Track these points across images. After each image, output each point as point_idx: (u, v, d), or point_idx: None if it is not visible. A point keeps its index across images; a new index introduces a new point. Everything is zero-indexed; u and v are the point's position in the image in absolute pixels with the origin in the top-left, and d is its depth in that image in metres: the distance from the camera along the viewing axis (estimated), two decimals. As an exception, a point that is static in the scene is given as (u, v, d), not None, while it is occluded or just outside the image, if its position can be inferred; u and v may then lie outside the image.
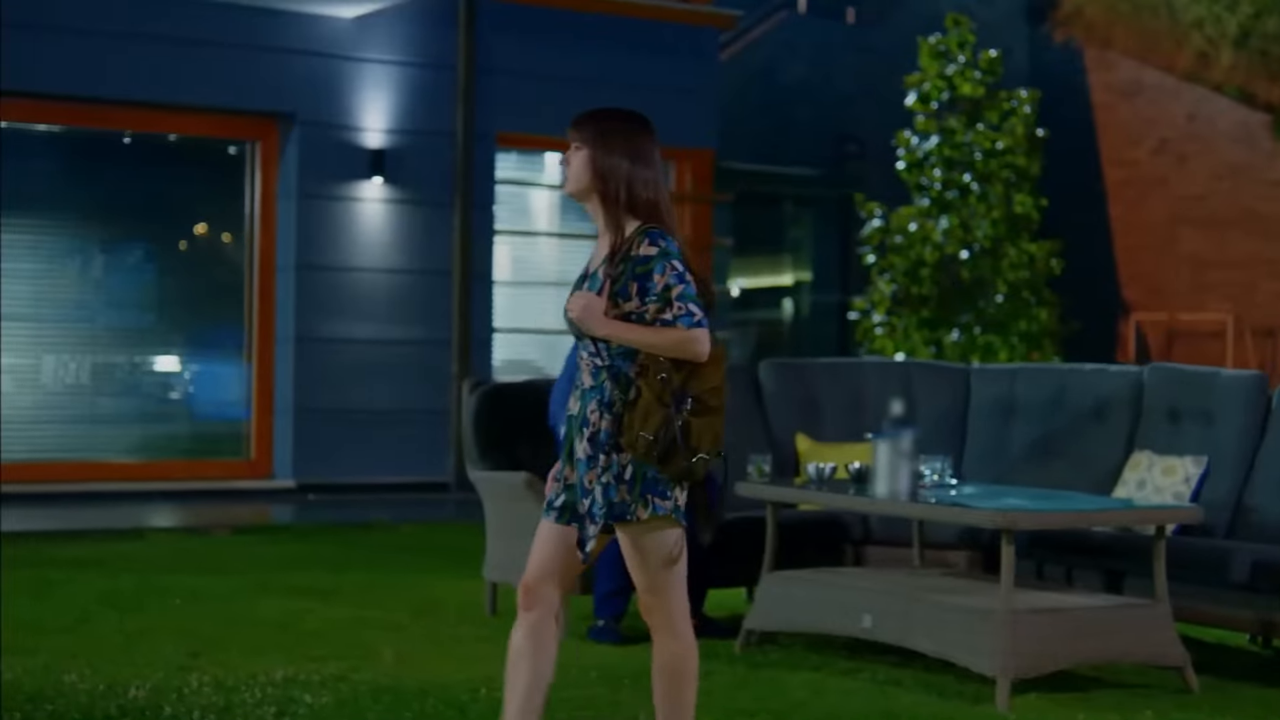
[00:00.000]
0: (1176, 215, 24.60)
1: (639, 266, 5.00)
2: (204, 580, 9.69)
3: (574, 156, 5.15)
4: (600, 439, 5.02)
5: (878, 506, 7.44)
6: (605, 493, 4.99)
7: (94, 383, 14.43)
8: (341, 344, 14.50)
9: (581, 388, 5.13)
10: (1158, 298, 25.02)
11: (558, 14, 15.43)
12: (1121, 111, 25.81)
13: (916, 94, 19.02)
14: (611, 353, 5.05)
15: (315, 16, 14.36)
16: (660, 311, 4.99)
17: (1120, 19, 26.56)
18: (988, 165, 18.81)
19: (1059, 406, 8.95)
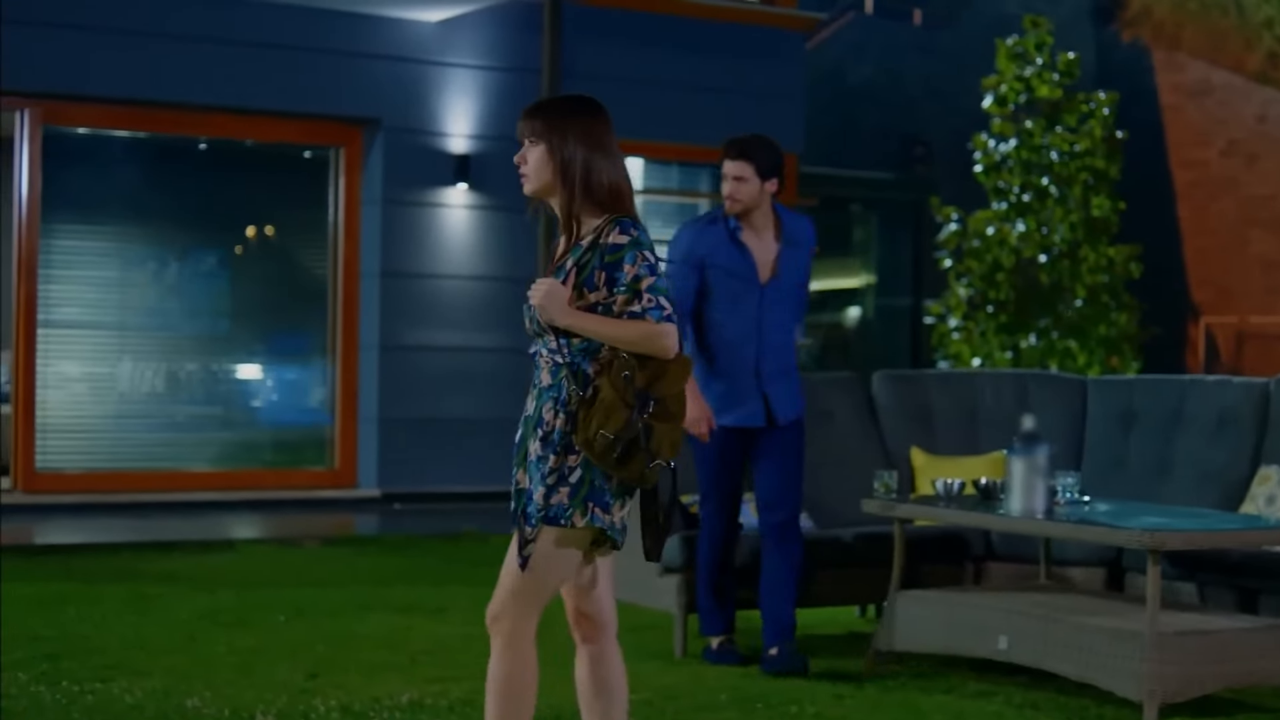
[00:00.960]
0: (1246, 216, 24.36)
1: (608, 255, 4.77)
2: (303, 594, 9.55)
3: (530, 153, 4.90)
4: (554, 439, 4.78)
5: (1015, 525, 7.25)
6: (547, 494, 4.74)
7: (176, 391, 14.34)
8: (426, 352, 14.35)
9: (538, 386, 4.87)
10: (1228, 300, 24.78)
11: (641, 17, 15.27)
12: (1190, 112, 25.58)
13: (993, 96, 18.82)
14: (573, 349, 4.80)
15: (399, 21, 14.21)
16: (628, 303, 4.75)
17: (1189, 19, 26.32)
18: (1066, 168, 18.60)
19: (1180, 419, 8.73)
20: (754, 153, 7.58)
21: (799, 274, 7.81)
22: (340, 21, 14.01)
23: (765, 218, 7.68)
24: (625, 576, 8.28)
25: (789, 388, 7.77)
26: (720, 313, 7.67)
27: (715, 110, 15.42)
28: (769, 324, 7.70)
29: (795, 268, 7.78)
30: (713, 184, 16.81)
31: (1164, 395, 8.88)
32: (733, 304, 7.66)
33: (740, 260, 7.63)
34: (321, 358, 14.56)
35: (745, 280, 7.64)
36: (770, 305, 7.70)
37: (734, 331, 7.68)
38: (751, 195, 7.58)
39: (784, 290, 7.72)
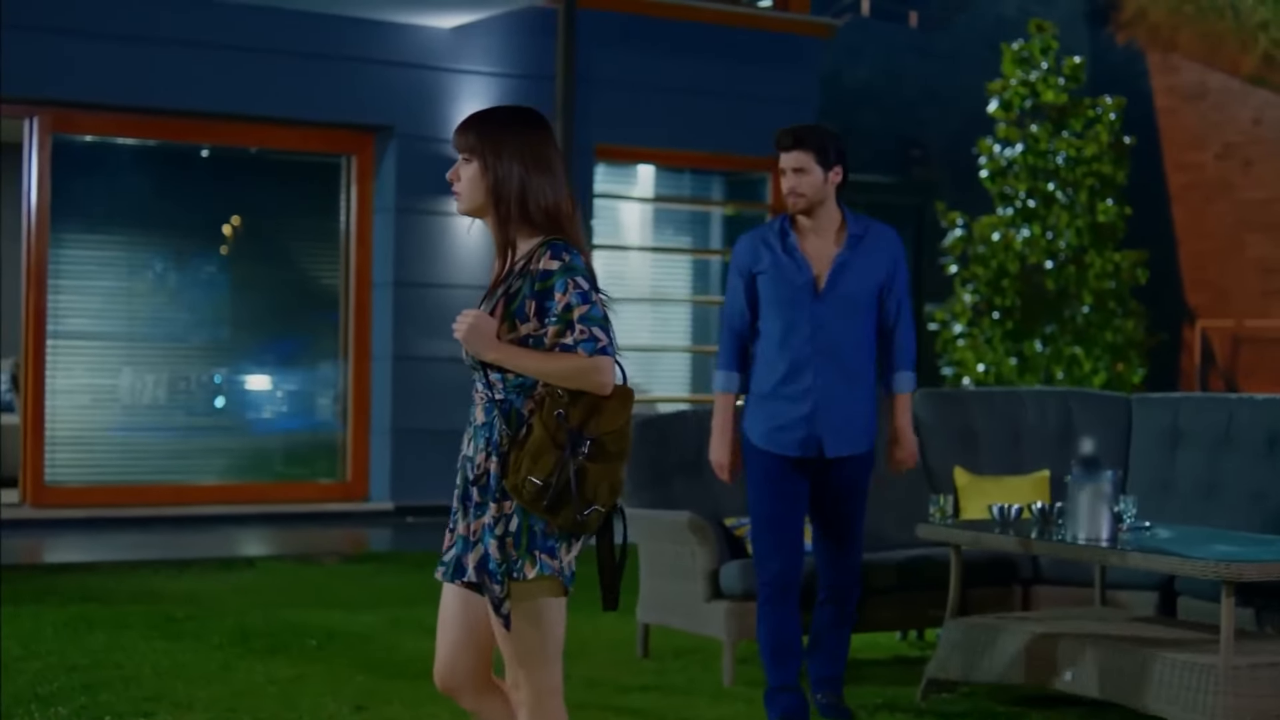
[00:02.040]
0: (1242, 220, 24.28)
1: (539, 283, 4.46)
2: (332, 617, 9.37)
3: (462, 170, 4.60)
4: (489, 484, 4.48)
5: (1084, 554, 7.08)
6: (499, 545, 4.45)
7: (186, 403, 14.14)
8: (439, 362, 14.15)
9: (473, 424, 4.58)
10: (1224, 304, 24.70)
11: (656, 23, 15.10)
12: (1185, 115, 25.50)
13: (999, 101, 18.68)
14: (507, 385, 4.50)
15: (412, 27, 14.02)
16: (560, 335, 4.45)
17: (1184, 21, 26.23)
18: (1072, 173, 18.48)
19: (1227, 439, 8.57)
20: (811, 139, 6.85)
21: (867, 286, 6.95)
22: (352, 28, 13.81)
23: (829, 216, 6.92)
24: (671, 601, 8.14)
25: (851, 417, 6.98)
26: (770, 324, 6.97)
27: (728, 117, 15.28)
28: (827, 340, 6.90)
29: (862, 278, 6.93)
30: (726, 192, 16.65)
31: (1211, 414, 8.72)
32: (783, 315, 6.93)
33: (789, 264, 6.90)
34: (333, 368, 14.37)
35: (795, 288, 6.90)
36: (828, 319, 6.89)
37: (785, 347, 6.94)
38: (815, 187, 6.83)
39: (846, 302, 6.90)
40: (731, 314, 7.06)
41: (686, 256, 16.33)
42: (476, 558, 4.49)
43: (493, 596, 4.47)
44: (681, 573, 8.06)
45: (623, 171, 15.72)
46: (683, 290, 16.23)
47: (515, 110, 4.65)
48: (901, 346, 7.12)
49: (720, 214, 16.65)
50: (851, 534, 7.14)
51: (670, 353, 16.20)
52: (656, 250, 16.04)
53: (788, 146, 6.88)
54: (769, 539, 7.02)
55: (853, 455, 7.01)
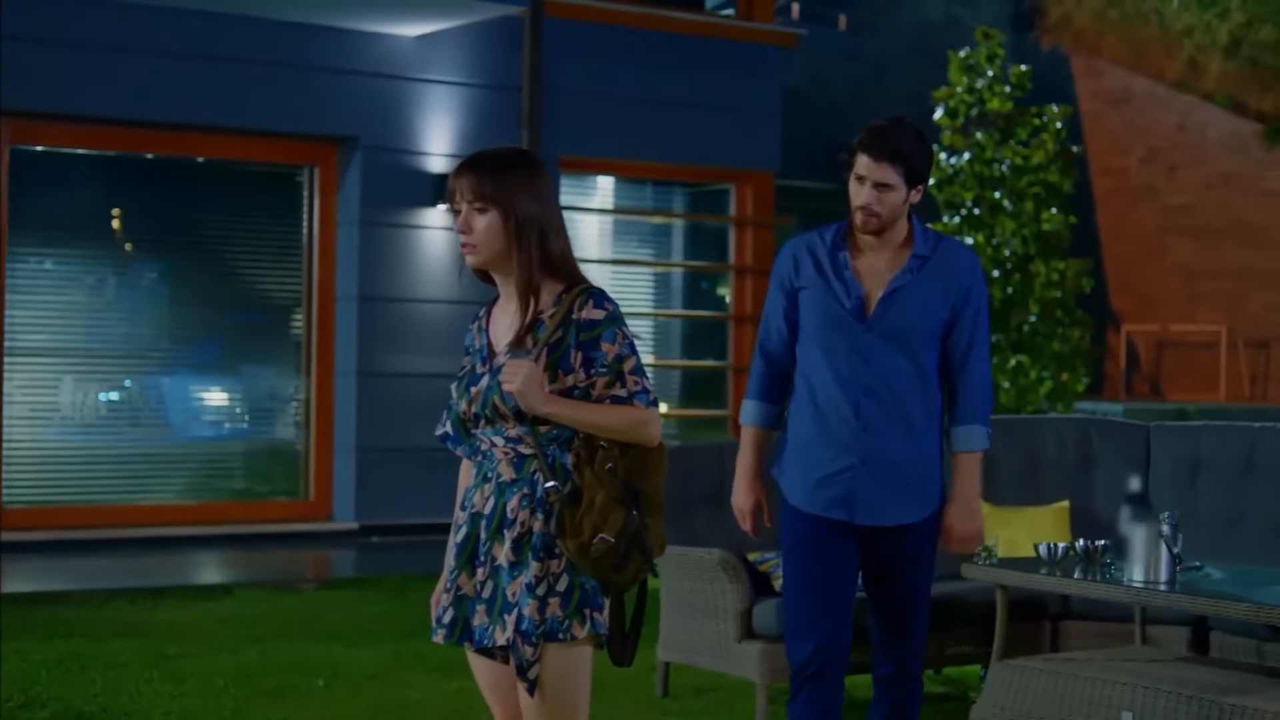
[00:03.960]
0: (1166, 225, 24.39)
1: (583, 333, 4.31)
2: (332, 652, 9.09)
3: (475, 220, 4.38)
4: (534, 543, 4.29)
5: (1147, 598, 6.92)
6: (540, 607, 4.26)
7: (145, 421, 13.75)
8: (405, 378, 13.86)
9: (496, 481, 4.35)
10: (1148, 308, 24.80)
11: (622, 32, 14.86)
12: (1110, 120, 25.57)
13: (944, 108, 18.58)
14: (540, 438, 4.31)
15: (376, 36, 13.70)
16: (609, 386, 4.31)
17: (1109, 27, 26.33)
18: (1019, 181, 18.41)
19: (1250, 467, 8.46)
20: (907, 151, 5.56)
21: (927, 318, 5.65)
22: (315, 36, 13.47)
23: (895, 234, 5.69)
24: (700, 640, 7.93)
25: (904, 476, 5.67)
26: (809, 353, 5.74)
27: (692, 128, 15.07)
28: (875, 379, 5.61)
29: (922, 307, 5.64)
30: (688, 204, 16.44)
31: (1232, 442, 8.60)
32: (823, 343, 5.68)
33: (836, 282, 5.66)
34: (295, 384, 14.03)
35: (839, 312, 5.65)
36: (877, 353, 5.63)
37: (826, 381, 5.67)
38: (895, 208, 5.60)
39: (899, 334, 5.62)
40: (767, 333, 5.85)
41: (648, 269, 16.11)
42: (515, 620, 4.30)
43: (522, 660, 4.30)
44: (710, 611, 7.85)
45: (584, 183, 15.48)
46: (644, 304, 16.01)
47: (519, 153, 4.53)
48: (969, 394, 5.73)
49: (682, 226, 16.45)
50: (911, 613, 5.84)
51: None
52: (617, 263, 15.80)
53: (878, 156, 5.55)
54: (803, 614, 5.74)
55: (906, 526, 5.72)
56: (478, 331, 4.55)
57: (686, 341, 16.37)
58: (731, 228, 16.03)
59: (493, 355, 4.44)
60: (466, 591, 4.39)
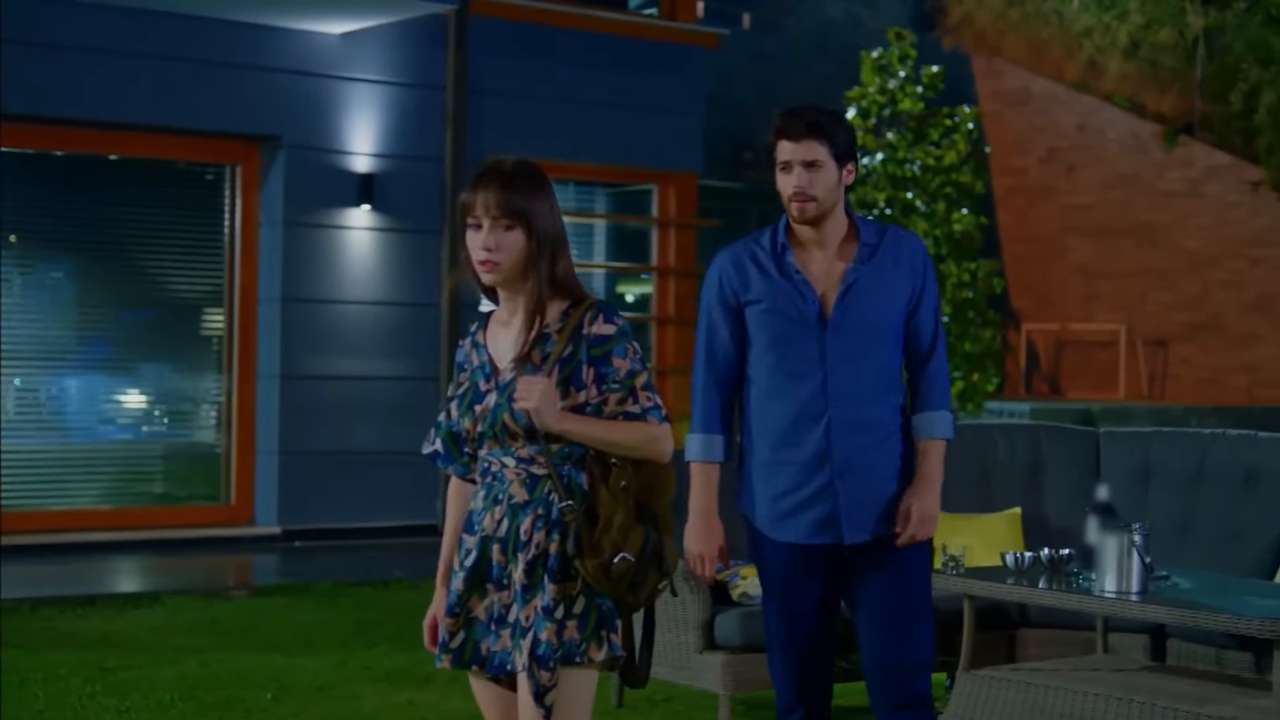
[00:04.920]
0: (1066, 225, 24.56)
1: (594, 348, 4.23)
2: (274, 663, 8.91)
3: (502, 239, 4.25)
4: (552, 565, 4.18)
5: (1122, 609, 6.90)
6: (558, 630, 4.18)
7: (62, 423, 13.47)
8: (328, 380, 13.67)
9: (507, 502, 4.23)
10: (1047, 308, 24.97)
11: (547, 31, 14.72)
12: (1010, 120, 25.71)
13: (856, 109, 18.61)
14: (552, 456, 4.21)
15: (300, 33, 13.48)
16: (621, 403, 4.24)
17: (1010, 27, 26.47)
18: (931, 182, 18.47)
19: (1201, 476, 8.46)
20: (829, 125, 5.15)
21: (888, 309, 5.24)
22: (238, 33, 13.24)
23: (836, 226, 5.21)
24: (660, 651, 7.82)
25: (883, 483, 5.27)
26: (766, 370, 5.25)
27: (615, 127, 14.98)
28: (842, 385, 5.18)
29: (881, 299, 5.23)
30: (610, 204, 16.34)
31: (1183, 450, 8.59)
32: (783, 356, 5.22)
33: (788, 289, 5.19)
34: (216, 386, 13.79)
35: (798, 319, 5.19)
36: (840, 356, 5.19)
37: (787, 397, 5.22)
38: (829, 188, 5.11)
39: (864, 332, 5.21)
40: (711, 358, 5.31)
41: (573, 268, 16.00)
42: (530, 644, 4.20)
43: (538, 685, 4.19)
44: (671, 622, 7.75)
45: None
46: (565, 304, 15.90)
47: (533, 166, 4.44)
48: (932, 381, 5.34)
49: (604, 227, 16.34)
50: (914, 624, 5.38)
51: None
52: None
53: (798, 134, 5.13)
54: (783, 656, 5.39)
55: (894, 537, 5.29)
56: (473, 348, 4.40)
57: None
58: (654, 228, 15.95)
59: (497, 372, 4.31)
60: (477, 615, 4.28)
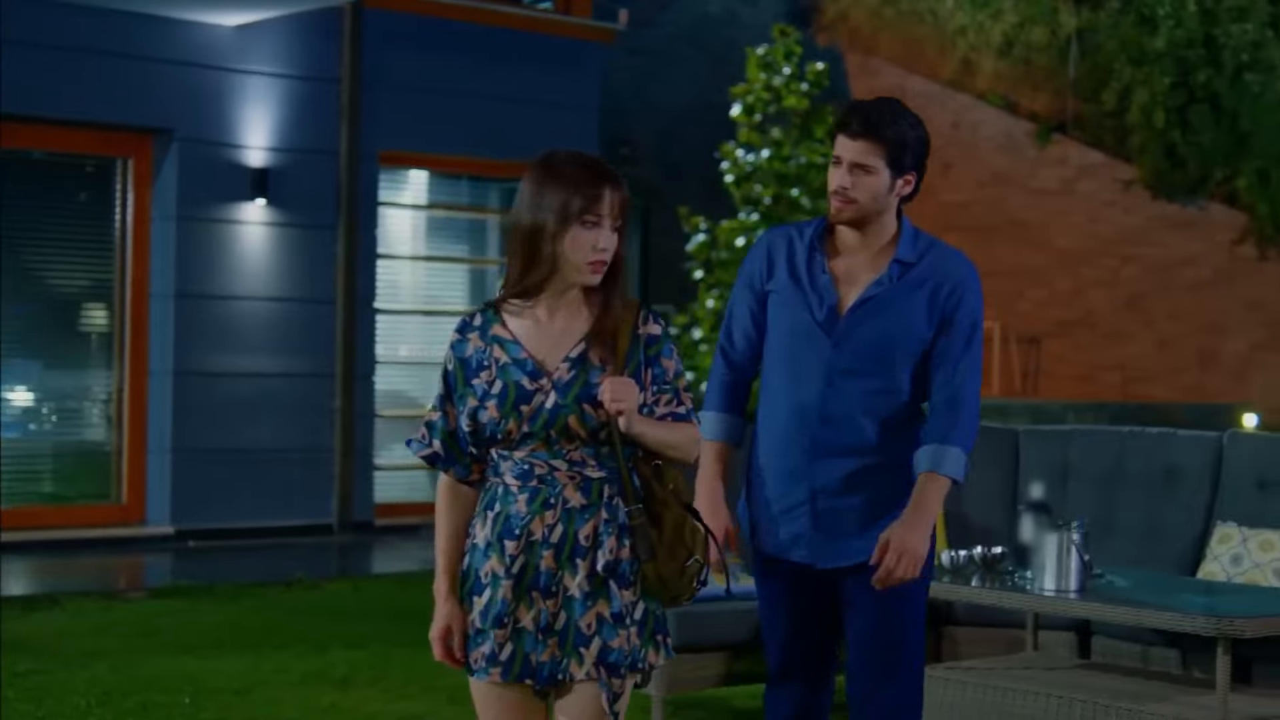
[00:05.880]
0: (941, 223, 24.71)
1: (649, 348, 4.15)
2: (186, 665, 8.75)
3: (611, 240, 4.09)
4: (622, 570, 4.08)
5: (1070, 607, 6.91)
6: (628, 637, 4.09)
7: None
8: (222, 377, 13.46)
9: (563, 506, 4.06)
10: (922, 305, 25.14)
11: (442, 25, 14.58)
12: (884, 118, 25.87)
13: (741, 105, 18.59)
14: (602, 458, 4.09)
15: (194, 25, 13.26)
16: (669, 404, 4.15)
17: (885, 25, 26.62)
18: (816, 179, 18.50)
19: (1121, 474, 8.50)
20: (889, 129, 4.82)
21: (906, 333, 4.91)
22: (130, 24, 12.99)
23: (880, 233, 4.93)
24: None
25: (856, 512, 4.95)
26: (772, 365, 5.05)
27: (510, 122, 14.86)
28: (841, 402, 4.91)
29: (901, 320, 4.91)
30: (504, 199, 16.21)
31: (1102, 448, 8.64)
32: (789, 354, 4.98)
33: (807, 286, 4.95)
34: (106, 384, 13.52)
35: (808, 323, 4.94)
36: (843, 371, 4.92)
37: (784, 399, 4.99)
38: (875, 195, 4.84)
39: (871, 351, 4.91)
40: (729, 337, 5.12)
41: (463, 266, 15.87)
42: (595, 653, 4.08)
43: (612, 693, 4.11)
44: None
45: (399, 177, 15.17)
46: (459, 301, 15.77)
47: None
48: (951, 414, 4.92)
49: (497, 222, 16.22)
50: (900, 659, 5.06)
51: (446, 366, 15.73)
52: (432, 259, 15.54)
53: (855, 132, 4.85)
54: (777, 673, 5.17)
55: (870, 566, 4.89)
56: (492, 343, 4.15)
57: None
58: (549, 225, 15.85)
59: (549, 372, 4.11)
60: (525, 625, 4.09)
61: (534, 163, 4.14)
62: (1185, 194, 21.93)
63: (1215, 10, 21.14)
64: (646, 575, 4.10)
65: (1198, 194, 21.83)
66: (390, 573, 12.48)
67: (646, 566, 4.09)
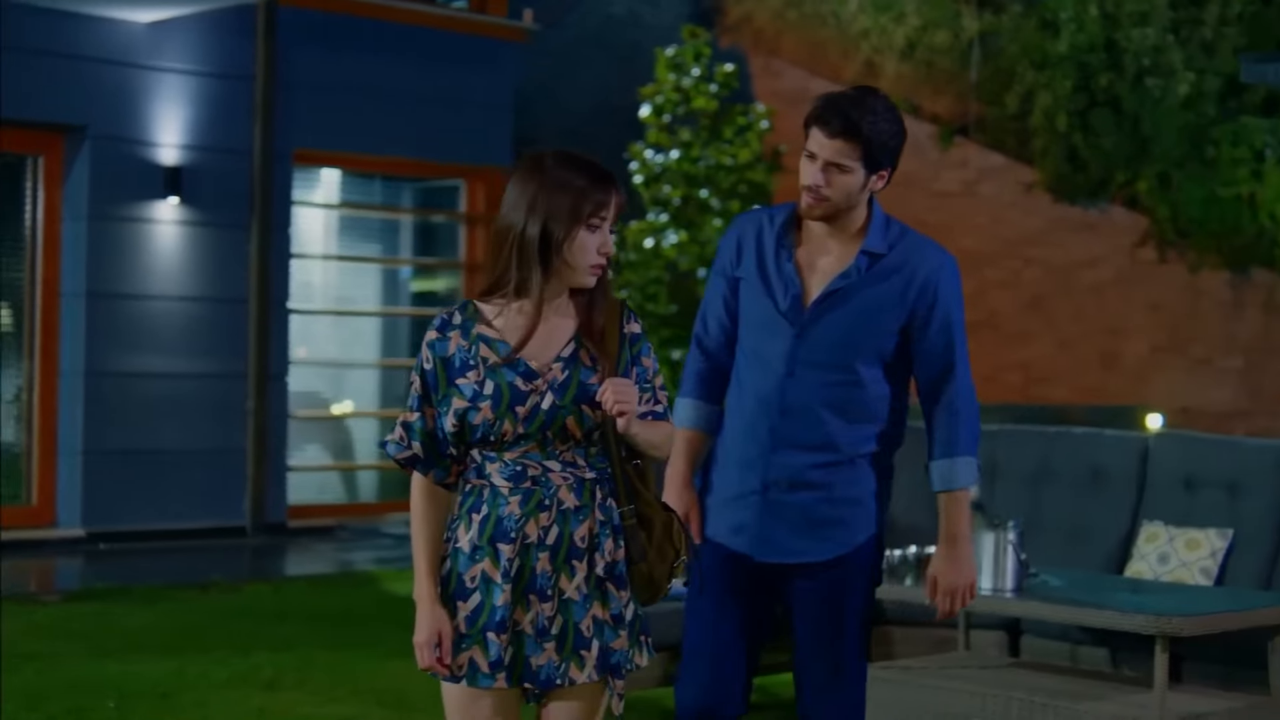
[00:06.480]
0: (844, 224, 24.83)
1: (632, 347, 4.12)
2: (109, 670, 8.64)
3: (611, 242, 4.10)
4: (618, 572, 4.07)
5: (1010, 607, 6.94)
6: (626, 640, 4.08)
7: None
8: (134, 378, 13.29)
9: (558, 508, 4.00)
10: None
11: (357, 23, 14.46)
12: (788, 119, 25.90)
13: (651, 106, 18.60)
14: (594, 458, 4.06)
15: (106, 21, 13.07)
16: (648, 402, 4.11)
17: (788, 28, 26.68)
18: (726, 180, 18.54)
19: (1047, 474, 8.57)
20: (868, 128, 4.68)
21: (872, 326, 4.83)
22: (40, 19, 12.79)
23: (851, 223, 4.84)
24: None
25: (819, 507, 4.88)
26: (742, 352, 4.98)
27: (423, 121, 14.77)
28: (798, 393, 4.84)
29: (867, 314, 4.83)
30: (417, 199, 16.14)
31: (1028, 448, 8.70)
32: (756, 342, 4.91)
33: (774, 274, 4.86)
34: (16, 384, 13.32)
35: (772, 313, 4.87)
36: (807, 363, 4.84)
37: (749, 386, 4.92)
38: (848, 194, 4.75)
39: (835, 344, 4.82)
40: (704, 326, 5.03)
41: (375, 266, 15.78)
42: (595, 655, 4.04)
43: (613, 694, 4.10)
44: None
45: (313, 176, 15.06)
46: (371, 302, 15.67)
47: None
48: (950, 422, 4.94)
49: (410, 222, 16.14)
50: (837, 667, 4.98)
51: (358, 368, 15.62)
52: (344, 259, 15.44)
53: (833, 131, 4.70)
54: (690, 657, 5.02)
55: (819, 564, 4.90)
56: (476, 342, 4.08)
57: (415, 340, 16.08)
58: (462, 224, 15.79)
59: (544, 371, 4.04)
60: (524, 629, 4.02)
61: (526, 164, 4.07)
62: (1087, 197, 22.07)
63: (1117, 15, 21.30)
64: (638, 576, 4.09)
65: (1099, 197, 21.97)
66: (306, 575, 12.39)
67: (639, 567, 4.08)
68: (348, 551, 13.63)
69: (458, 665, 4.04)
